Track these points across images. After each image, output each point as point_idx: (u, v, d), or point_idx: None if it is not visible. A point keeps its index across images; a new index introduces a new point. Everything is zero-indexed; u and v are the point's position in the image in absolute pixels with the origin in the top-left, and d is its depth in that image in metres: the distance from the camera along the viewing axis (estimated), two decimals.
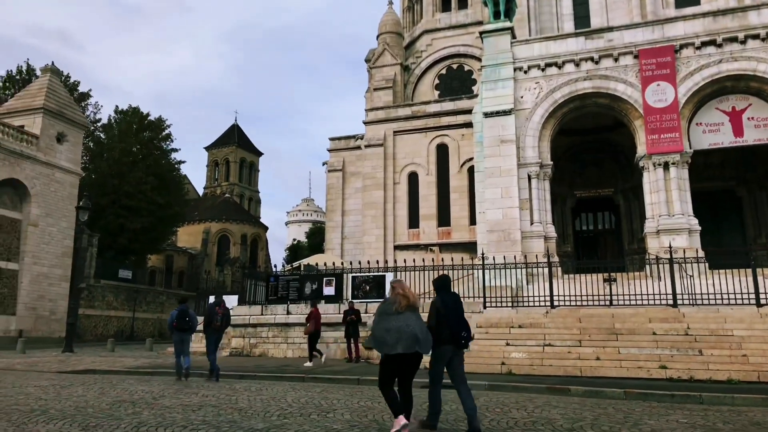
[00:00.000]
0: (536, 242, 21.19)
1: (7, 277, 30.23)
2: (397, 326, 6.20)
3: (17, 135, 31.23)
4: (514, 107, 22.29)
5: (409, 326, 6.20)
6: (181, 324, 12.42)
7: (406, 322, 6.22)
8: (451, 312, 6.81)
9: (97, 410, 7.99)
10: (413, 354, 6.22)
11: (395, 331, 6.19)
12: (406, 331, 6.15)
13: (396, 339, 6.14)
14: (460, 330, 6.75)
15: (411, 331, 6.17)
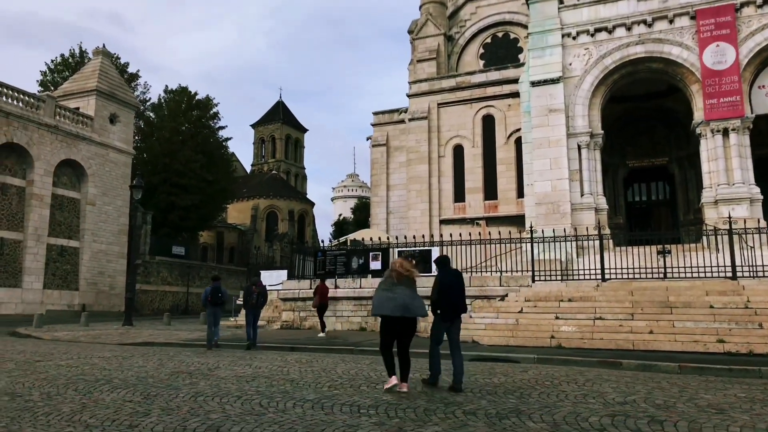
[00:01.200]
0: (586, 214, 20.71)
1: (70, 254, 31.66)
2: (391, 296, 7.48)
3: (73, 117, 32.36)
4: (562, 75, 21.64)
5: (400, 296, 7.45)
6: (214, 299, 13.76)
7: (397, 293, 7.49)
8: (449, 287, 8.05)
9: (156, 380, 8.32)
10: (402, 318, 7.45)
11: (387, 299, 7.49)
12: (397, 299, 7.43)
13: (388, 305, 7.45)
14: (457, 302, 8.07)
15: (401, 299, 7.43)
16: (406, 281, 7.65)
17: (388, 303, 7.47)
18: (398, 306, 7.41)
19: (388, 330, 7.60)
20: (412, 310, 7.50)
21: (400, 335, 7.62)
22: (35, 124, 29.74)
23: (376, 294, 7.78)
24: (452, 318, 8.11)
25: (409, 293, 7.58)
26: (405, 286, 7.61)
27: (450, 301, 8.05)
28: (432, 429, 5.48)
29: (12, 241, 28.65)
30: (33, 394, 7.16)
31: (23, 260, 28.94)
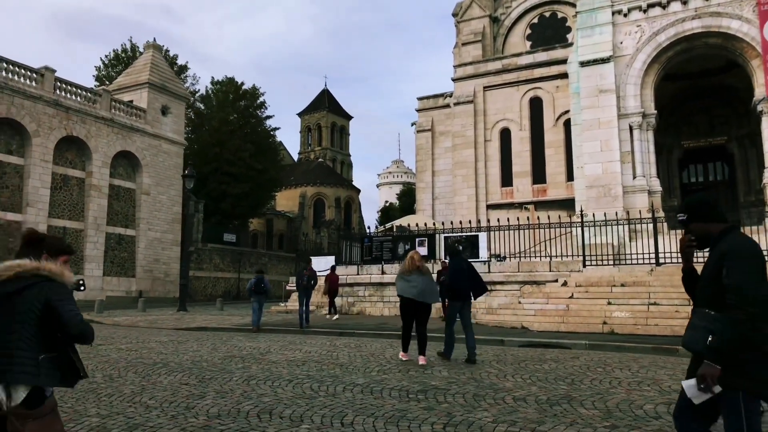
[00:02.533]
0: (639, 197, 20.10)
1: (127, 242, 32.87)
2: (408, 283, 8.88)
3: (127, 110, 33.42)
4: (612, 54, 20.95)
5: (415, 282, 8.81)
6: (257, 288, 15.50)
7: (413, 281, 8.84)
8: (461, 273, 9.29)
9: (210, 364, 8.58)
10: (418, 301, 8.79)
11: (404, 285, 8.92)
12: (413, 286, 8.80)
13: (407, 290, 8.86)
14: (466, 286, 9.28)
15: (417, 285, 8.79)
16: (417, 271, 8.91)
17: (408, 288, 8.86)
18: (412, 290, 8.78)
19: (407, 311, 8.99)
20: (426, 296, 8.83)
21: (417, 316, 8.95)
22: (93, 117, 30.86)
23: (397, 281, 9.25)
24: (463, 299, 9.31)
25: (422, 281, 8.86)
26: (418, 275, 8.89)
27: (460, 285, 9.27)
28: (481, 414, 5.47)
29: (74, 230, 29.94)
30: (96, 376, 7.50)
31: (84, 248, 30.22)
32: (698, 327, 2.78)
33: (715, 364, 2.65)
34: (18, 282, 2.66)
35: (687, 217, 3.03)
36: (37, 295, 2.65)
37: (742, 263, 2.73)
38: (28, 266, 2.68)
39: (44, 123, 28.42)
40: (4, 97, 26.70)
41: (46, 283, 2.69)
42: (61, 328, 2.67)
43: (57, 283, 2.72)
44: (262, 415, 5.44)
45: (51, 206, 28.72)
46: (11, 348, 2.57)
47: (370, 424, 5.12)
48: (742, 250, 2.78)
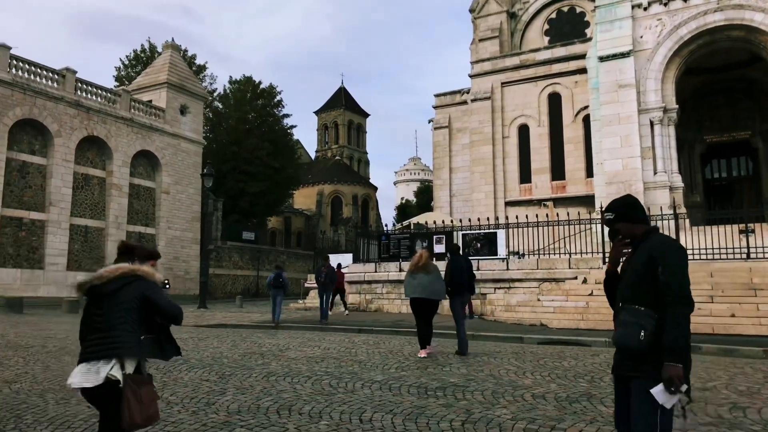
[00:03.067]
0: (660, 193, 19.84)
1: (147, 240, 33.26)
2: (412, 282, 9.34)
3: (146, 109, 33.80)
4: (632, 48, 20.70)
5: (420, 281, 9.22)
6: (276, 283, 16.15)
7: (418, 279, 9.26)
8: (460, 270, 9.86)
9: (231, 360, 8.66)
10: (423, 299, 9.21)
11: (410, 285, 9.38)
12: (419, 284, 9.22)
13: (413, 289, 9.29)
14: (465, 282, 9.91)
15: (422, 284, 9.20)
16: (424, 269, 9.28)
17: (412, 287, 9.33)
18: (417, 288, 9.21)
19: (415, 308, 9.42)
20: (431, 292, 9.22)
21: (424, 312, 9.34)
22: (113, 117, 31.27)
23: (406, 281, 9.65)
24: (461, 294, 9.92)
25: (428, 279, 9.23)
26: (424, 273, 9.26)
27: (460, 281, 9.81)
28: (500, 412, 5.45)
29: (95, 228, 30.39)
30: None
31: (106, 247, 30.64)
32: (629, 323, 2.83)
33: (677, 363, 2.68)
34: (120, 281, 3.40)
35: (614, 216, 3.09)
36: (135, 290, 3.38)
37: (676, 261, 2.86)
38: (127, 268, 3.46)
39: (66, 123, 28.86)
40: (26, 98, 27.16)
41: (141, 281, 3.44)
42: (159, 312, 3.44)
43: (149, 280, 3.49)
44: (282, 411, 5.48)
45: (73, 205, 29.17)
46: (120, 330, 3.27)
47: (389, 420, 5.13)
48: (672, 248, 2.93)
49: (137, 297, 3.37)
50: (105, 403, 3.23)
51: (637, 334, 2.79)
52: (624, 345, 2.86)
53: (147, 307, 3.39)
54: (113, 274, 3.43)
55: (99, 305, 3.38)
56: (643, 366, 2.79)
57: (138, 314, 3.36)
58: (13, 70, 27.00)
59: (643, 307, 2.83)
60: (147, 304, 3.39)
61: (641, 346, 2.77)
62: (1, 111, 26.10)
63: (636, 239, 3.02)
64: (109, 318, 3.31)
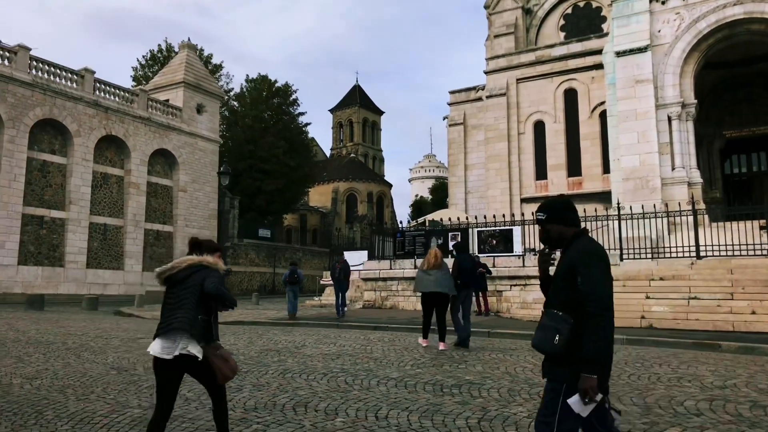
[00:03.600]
0: (678, 189, 19.59)
1: (164, 238, 33.61)
2: (426, 278, 9.83)
3: (164, 108, 34.11)
4: (650, 43, 20.44)
5: (433, 277, 9.74)
6: (291, 279, 16.96)
7: (433, 276, 9.76)
8: (465, 267, 10.39)
9: (247, 357, 8.72)
10: (435, 293, 9.74)
11: (423, 280, 9.87)
12: (431, 279, 9.75)
13: (425, 284, 9.83)
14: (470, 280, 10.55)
15: (434, 279, 9.72)
16: (437, 266, 9.84)
17: (426, 282, 9.79)
18: (432, 283, 9.71)
19: (426, 302, 9.98)
20: (444, 287, 9.73)
21: (436, 307, 9.90)
22: (130, 117, 31.60)
23: (417, 275, 10.23)
24: (468, 290, 10.51)
25: (441, 274, 9.77)
26: (437, 270, 9.80)
27: (466, 279, 10.35)
28: (516, 410, 5.43)
29: (114, 227, 30.76)
30: (137, 368, 7.70)
31: (124, 244, 31.01)
32: (547, 327, 2.87)
33: (592, 375, 2.72)
34: (190, 269, 4.06)
35: (545, 217, 3.09)
36: (198, 277, 4.00)
37: (595, 270, 2.84)
38: (195, 259, 4.14)
39: (85, 123, 29.22)
40: (46, 98, 27.54)
41: (205, 270, 4.06)
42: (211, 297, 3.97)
43: (211, 269, 4.07)
44: (298, 408, 5.51)
45: (92, 204, 29.54)
46: (185, 310, 3.92)
47: (405, 417, 5.14)
48: (593, 256, 2.89)
49: (199, 283, 3.98)
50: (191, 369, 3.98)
51: (552, 337, 2.83)
52: (539, 348, 2.91)
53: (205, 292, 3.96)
54: (183, 264, 4.11)
55: (172, 290, 4.07)
56: (558, 369, 2.84)
57: (198, 297, 3.95)
58: (33, 71, 27.40)
59: (561, 312, 2.86)
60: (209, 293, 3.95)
61: (555, 349, 2.81)
62: (22, 111, 26.50)
63: (565, 241, 3.03)
64: (178, 300, 3.99)
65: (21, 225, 26.30)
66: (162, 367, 3.90)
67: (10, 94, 26.03)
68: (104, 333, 12.13)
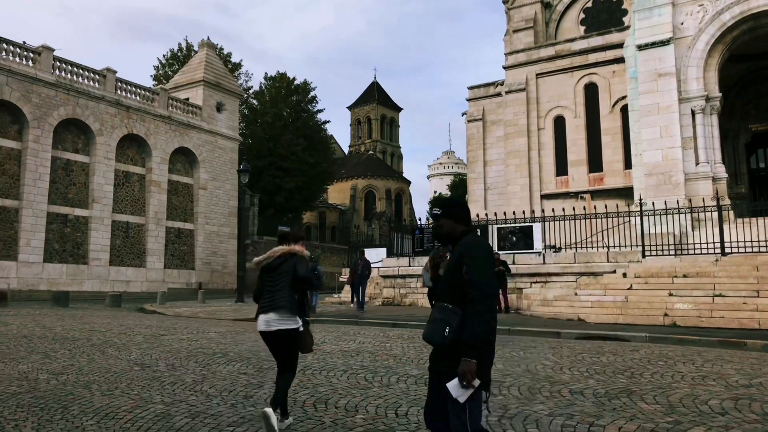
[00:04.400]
0: (702, 184, 19.27)
1: (186, 236, 33.97)
2: None
3: (184, 107, 34.45)
4: (672, 36, 20.11)
5: None
6: None
7: None
8: None
9: (268, 354, 8.73)
10: None
11: None
12: None
13: None
14: None
15: None
16: None
17: None
18: None
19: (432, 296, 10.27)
20: None
21: None
22: (151, 115, 31.97)
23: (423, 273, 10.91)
24: None
25: None
26: None
27: None
28: (537, 407, 5.39)
29: (136, 224, 31.17)
30: (159, 365, 7.80)
31: (146, 242, 31.41)
32: (437, 320, 2.96)
33: (471, 359, 2.80)
34: (282, 258, 4.92)
35: (440, 212, 3.24)
36: (290, 264, 4.87)
37: (479, 261, 2.95)
38: (286, 249, 4.97)
39: (107, 122, 29.63)
40: (70, 98, 27.97)
41: (294, 257, 4.92)
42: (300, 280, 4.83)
43: (300, 256, 4.95)
44: (318, 405, 5.53)
45: (115, 202, 29.97)
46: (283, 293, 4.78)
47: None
48: (478, 249, 3.01)
49: (291, 269, 4.85)
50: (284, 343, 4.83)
51: (442, 330, 2.91)
52: (431, 340, 2.99)
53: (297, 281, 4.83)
54: (276, 254, 4.95)
55: (269, 276, 4.93)
56: (449, 361, 2.90)
57: (291, 280, 4.82)
58: (56, 72, 27.84)
59: (451, 305, 2.95)
60: (298, 277, 4.83)
61: (445, 341, 2.90)
62: (47, 111, 26.95)
63: (455, 238, 3.16)
64: (275, 284, 4.85)
65: (46, 223, 26.78)
66: (269, 338, 4.90)
67: (34, 95, 26.49)
68: (127, 330, 12.31)
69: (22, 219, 25.88)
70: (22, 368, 7.45)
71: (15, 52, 26.39)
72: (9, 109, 25.93)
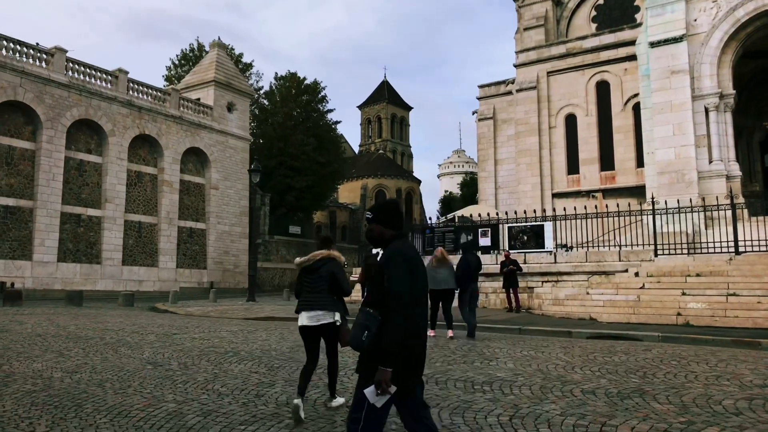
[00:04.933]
0: (716, 182, 19.09)
1: (198, 235, 34.16)
2: (438, 276, 10.67)
3: (195, 107, 34.63)
4: (685, 33, 19.94)
5: (441, 274, 10.74)
6: None
7: (441, 274, 10.77)
8: (468, 267, 11.45)
9: (279, 353, 8.81)
10: (443, 290, 10.79)
11: (435, 278, 10.52)
12: (439, 277, 10.65)
13: (438, 282, 10.58)
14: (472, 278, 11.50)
15: (442, 277, 10.74)
16: (442, 264, 10.91)
17: (438, 280, 10.58)
18: (440, 281, 10.63)
19: (432, 297, 10.70)
20: (449, 284, 10.85)
21: (443, 301, 11.00)
22: (163, 116, 32.16)
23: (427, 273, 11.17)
24: (468, 286, 11.33)
25: (447, 272, 10.86)
26: (443, 268, 10.86)
27: (467, 277, 11.34)
28: (549, 407, 5.37)
29: (148, 224, 31.38)
30: (172, 363, 7.85)
31: (158, 242, 31.62)
32: (358, 324, 3.05)
33: (387, 368, 2.90)
34: (321, 261, 5.43)
35: (371, 216, 3.34)
36: (328, 267, 5.39)
37: (398, 270, 3.02)
38: (325, 253, 5.48)
39: (119, 122, 29.86)
40: (82, 99, 28.21)
41: (332, 261, 5.45)
42: (335, 284, 5.36)
43: (337, 262, 5.48)
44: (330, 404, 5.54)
45: (127, 202, 30.19)
46: (322, 294, 5.32)
47: (436, 414, 5.13)
48: (398, 257, 3.08)
49: (329, 272, 5.37)
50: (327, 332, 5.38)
51: (361, 334, 3.01)
52: (352, 344, 3.08)
53: (335, 281, 5.34)
54: (316, 257, 5.47)
55: (309, 276, 5.43)
56: (368, 364, 3.01)
57: (329, 283, 5.34)
58: (69, 73, 28.08)
59: (372, 310, 3.04)
60: (333, 277, 5.35)
61: (362, 345, 3.02)
62: (60, 112, 27.20)
63: (384, 242, 3.27)
64: (314, 285, 5.37)
65: (60, 223, 27.03)
66: (307, 332, 5.40)
67: (48, 96, 26.74)
68: (140, 329, 12.40)
69: (37, 219, 26.14)
70: (36, 367, 7.53)
71: (29, 53, 26.65)
72: (23, 110, 26.19)
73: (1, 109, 25.39)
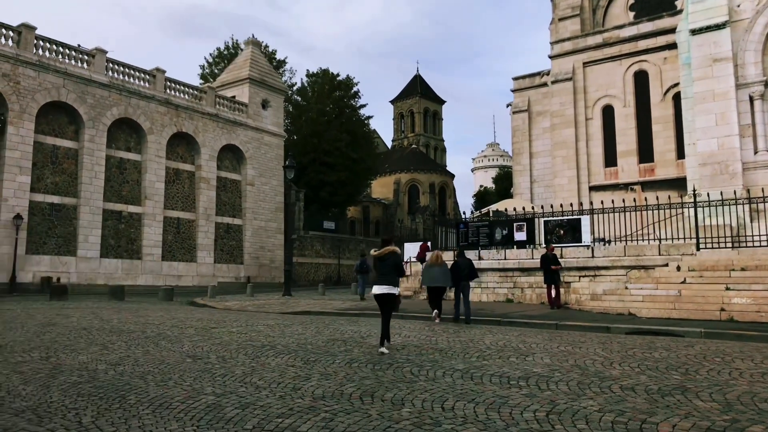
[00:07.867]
0: (762, 173, 18.45)
1: (234, 231, 34.72)
2: (431, 273, 13.08)
3: (230, 105, 35.14)
4: (728, 19, 19.27)
5: (436, 273, 12.97)
6: (361, 269, 21.46)
7: (434, 271, 13.02)
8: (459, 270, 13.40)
9: (315, 347, 8.90)
10: (438, 287, 13.18)
11: (430, 276, 13.11)
12: (436, 275, 12.96)
13: (430, 279, 13.12)
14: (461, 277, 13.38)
15: (438, 275, 12.95)
16: (438, 264, 13.01)
17: (432, 278, 12.99)
18: (435, 279, 12.94)
19: (431, 292, 13.38)
20: (444, 281, 13.02)
21: (437, 295, 13.29)
22: (199, 114, 32.74)
23: (423, 271, 13.98)
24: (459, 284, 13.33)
25: (441, 271, 12.93)
26: (438, 267, 12.97)
27: (457, 277, 13.35)
28: (586, 403, 5.29)
29: (186, 220, 32.03)
30: (210, 357, 8.01)
31: (196, 237, 32.26)
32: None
33: None
34: (389, 253, 8.56)
35: None
36: (394, 258, 8.58)
37: None
38: (391, 248, 8.63)
39: (157, 121, 30.52)
40: (122, 98, 28.92)
41: (396, 254, 8.64)
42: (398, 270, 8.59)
43: (398, 254, 8.72)
44: (365, 398, 5.57)
45: (166, 198, 30.88)
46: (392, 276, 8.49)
47: (471, 409, 5.11)
48: None
49: (395, 261, 8.52)
50: (389, 301, 8.44)
51: None
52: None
53: (397, 267, 8.50)
54: (386, 251, 8.53)
55: (382, 263, 8.48)
56: None
57: (394, 267, 8.47)
58: (109, 73, 28.82)
59: None
60: (397, 265, 8.52)
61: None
62: (101, 111, 27.96)
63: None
64: (386, 270, 8.44)
65: (102, 220, 27.82)
66: (380, 298, 8.44)
67: (89, 96, 27.50)
68: (179, 323, 12.68)
69: (80, 216, 26.95)
70: (82, 359, 7.78)
71: (71, 55, 27.43)
72: (66, 110, 27.00)
73: (46, 109, 26.23)
